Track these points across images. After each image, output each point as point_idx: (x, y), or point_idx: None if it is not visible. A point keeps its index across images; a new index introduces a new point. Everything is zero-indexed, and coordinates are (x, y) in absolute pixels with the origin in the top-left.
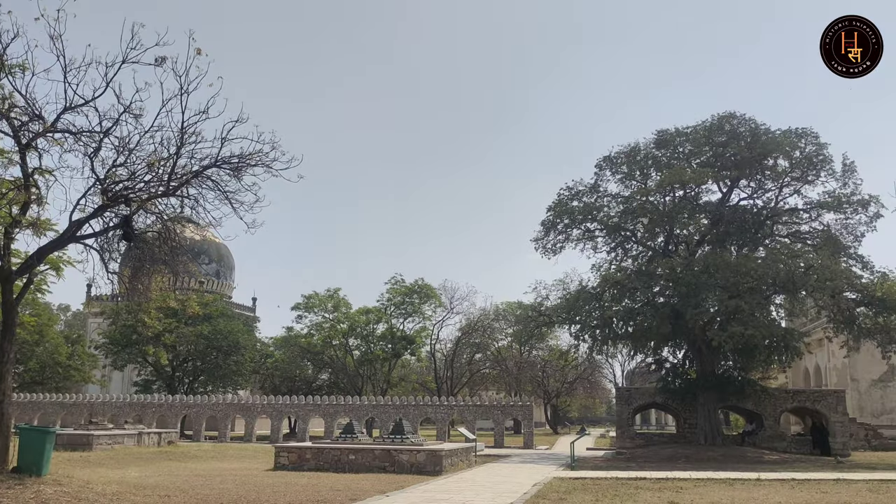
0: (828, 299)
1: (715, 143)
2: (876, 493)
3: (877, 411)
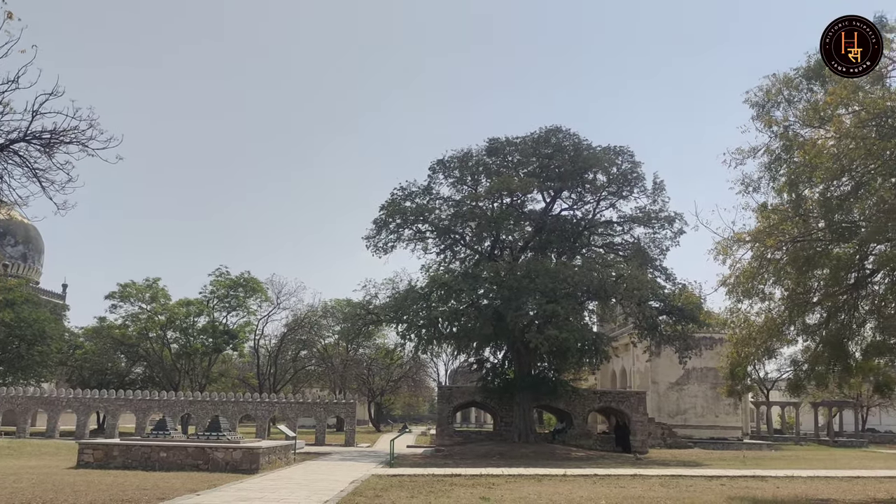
0: (634, 307)
1: (541, 155)
2: (667, 487)
3: (673, 412)
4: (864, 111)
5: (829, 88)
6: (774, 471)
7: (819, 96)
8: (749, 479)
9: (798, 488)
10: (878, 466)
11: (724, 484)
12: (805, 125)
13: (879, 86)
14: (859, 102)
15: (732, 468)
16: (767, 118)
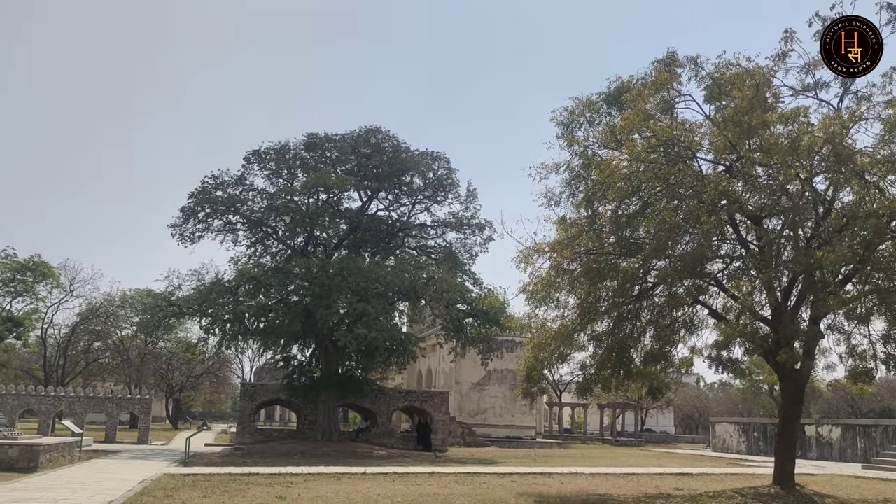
0: (443, 309)
1: (360, 154)
2: (461, 484)
3: (473, 411)
4: (653, 137)
5: (624, 114)
6: (561, 468)
7: (616, 120)
8: (538, 476)
9: (581, 484)
10: (651, 464)
11: (515, 481)
12: (603, 146)
13: (668, 115)
14: (650, 129)
15: (524, 466)
16: (570, 137)
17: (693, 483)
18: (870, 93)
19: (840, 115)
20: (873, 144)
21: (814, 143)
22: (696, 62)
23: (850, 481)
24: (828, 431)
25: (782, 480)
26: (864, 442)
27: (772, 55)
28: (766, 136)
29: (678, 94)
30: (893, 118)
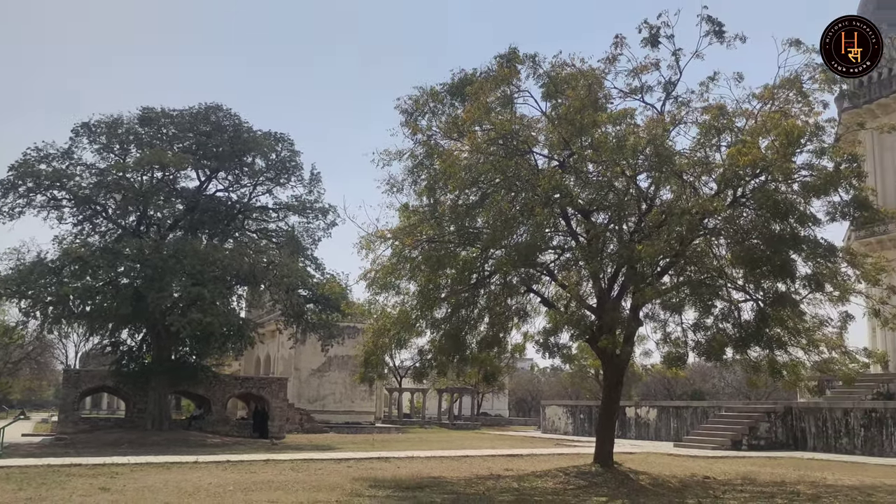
0: (283, 294)
1: (199, 132)
2: (297, 471)
3: (312, 398)
4: (493, 131)
5: (466, 106)
6: (398, 452)
7: (459, 112)
8: (375, 461)
9: (416, 468)
10: (484, 446)
11: (351, 466)
12: (446, 136)
13: (508, 110)
14: (491, 122)
15: (362, 451)
16: (414, 125)
17: (522, 464)
18: (689, 99)
19: (662, 119)
20: (690, 147)
21: (638, 143)
22: (535, 60)
23: (663, 458)
24: (645, 413)
25: (602, 459)
26: (677, 422)
27: (603, 58)
28: (597, 134)
29: (517, 89)
30: (709, 123)
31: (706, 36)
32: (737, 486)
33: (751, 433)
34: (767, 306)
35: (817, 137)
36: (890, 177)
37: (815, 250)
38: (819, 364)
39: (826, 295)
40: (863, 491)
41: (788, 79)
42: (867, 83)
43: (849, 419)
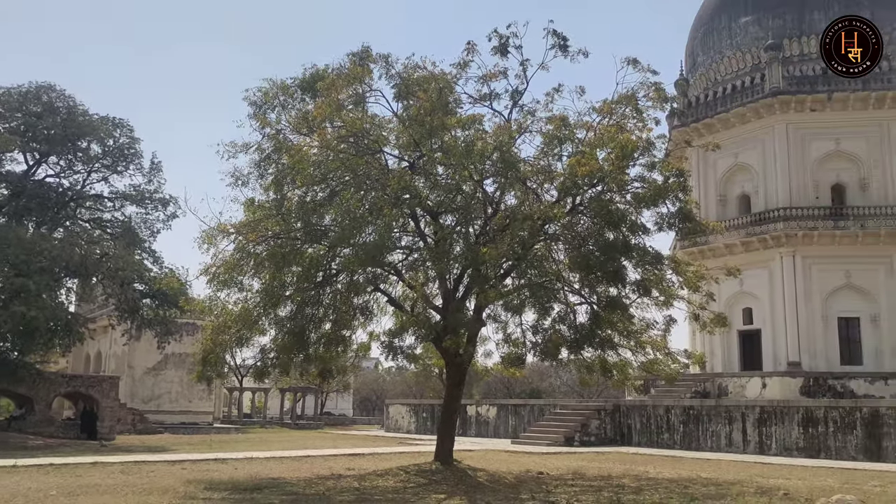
0: (117, 288)
1: (29, 112)
2: (127, 473)
3: (147, 397)
4: (344, 128)
5: (317, 102)
6: (237, 453)
7: (310, 107)
8: (211, 462)
9: (255, 469)
10: (327, 446)
11: (186, 468)
12: (295, 131)
13: (360, 108)
14: (342, 119)
15: (198, 452)
16: (263, 118)
17: (364, 463)
18: (535, 108)
19: (509, 126)
20: (535, 155)
21: (486, 148)
22: (388, 60)
23: (501, 455)
24: (486, 411)
25: (443, 457)
26: (515, 420)
27: (455, 63)
28: (447, 138)
29: (370, 88)
30: (552, 133)
31: (552, 49)
32: (568, 481)
33: (582, 430)
34: (601, 309)
35: (649, 152)
36: (712, 191)
37: (644, 258)
38: (645, 364)
39: (653, 299)
40: (680, 483)
41: (625, 95)
42: (695, 104)
43: (670, 416)
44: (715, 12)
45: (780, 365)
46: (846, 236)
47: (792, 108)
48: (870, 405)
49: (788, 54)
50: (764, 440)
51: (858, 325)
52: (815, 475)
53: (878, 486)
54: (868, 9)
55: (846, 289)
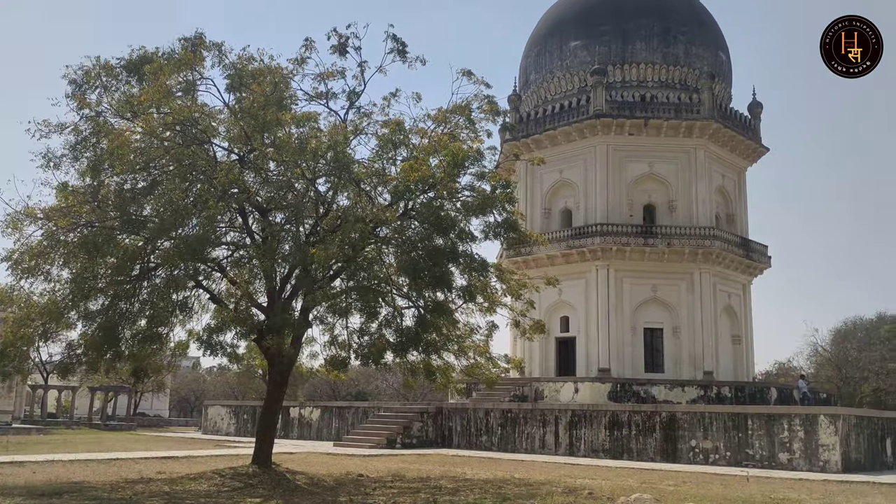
0: None
1: None
2: None
3: None
4: (171, 116)
5: (144, 86)
6: (37, 455)
7: (135, 90)
8: (6, 466)
9: (56, 472)
10: (138, 448)
11: None
12: (117, 115)
13: (190, 96)
14: (169, 106)
15: None
16: (82, 98)
17: (177, 466)
18: (371, 111)
19: (344, 127)
20: (369, 157)
21: (320, 147)
22: (221, 49)
23: (322, 458)
24: (309, 413)
25: (261, 460)
26: (339, 422)
27: (293, 59)
28: (280, 133)
29: (201, 76)
30: (387, 137)
31: (390, 53)
32: (387, 483)
33: (405, 432)
34: (427, 313)
35: (479, 162)
36: (538, 204)
37: (470, 264)
38: (467, 368)
39: (477, 305)
40: (495, 484)
41: (460, 105)
42: (526, 119)
43: (489, 419)
44: (548, 34)
45: (592, 371)
46: (654, 253)
47: (612, 130)
48: (668, 410)
49: (612, 80)
50: (574, 442)
51: (662, 336)
52: (617, 475)
53: (672, 486)
54: (683, 45)
55: (652, 301)
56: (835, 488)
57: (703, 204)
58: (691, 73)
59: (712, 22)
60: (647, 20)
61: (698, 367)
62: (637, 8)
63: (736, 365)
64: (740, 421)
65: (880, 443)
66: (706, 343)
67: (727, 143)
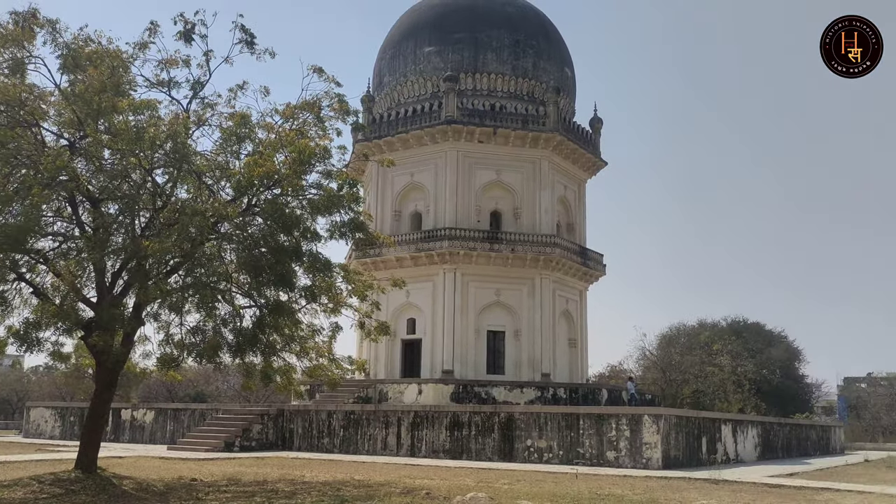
0: None
1: None
2: None
3: None
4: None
5: None
6: None
7: None
8: None
9: None
10: None
11: None
12: None
13: (18, 75)
14: None
15: None
16: None
17: None
18: (216, 102)
19: (187, 117)
20: (213, 150)
21: (158, 136)
22: (56, 27)
23: (154, 462)
24: (142, 415)
25: (85, 465)
26: (174, 424)
27: (134, 43)
28: (116, 120)
29: (30, 54)
30: (232, 130)
31: (239, 44)
32: (221, 487)
33: (244, 434)
34: (268, 314)
35: (326, 160)
36: (389, 206)
37: (314, 264)
38: (309, 370)
39: (322, 306)
40: (334, 486)
41: (309, 102)
42: (379, 121)
43: (332, 420)
44: (403, 37)
45: (436, 373)
46: (499, 258)
47: (463, 137)
48: (506, 410)
49: (464, 87)
50: (416, 443)
51: (504, 339)
52: (456, 475)
53: (507, 484)
54: (531, 58)
55: (496, 305)
56: (655, 484)
57: (546, 213)
58: (539, 87)
59: (559, 39)
60: (498, 32)
61: (537, 369)
62: (490, 19)
63: (572, 367)
64: (573, 421)
65: (696, 441)
66: (545, 346)
67: (570, 156)
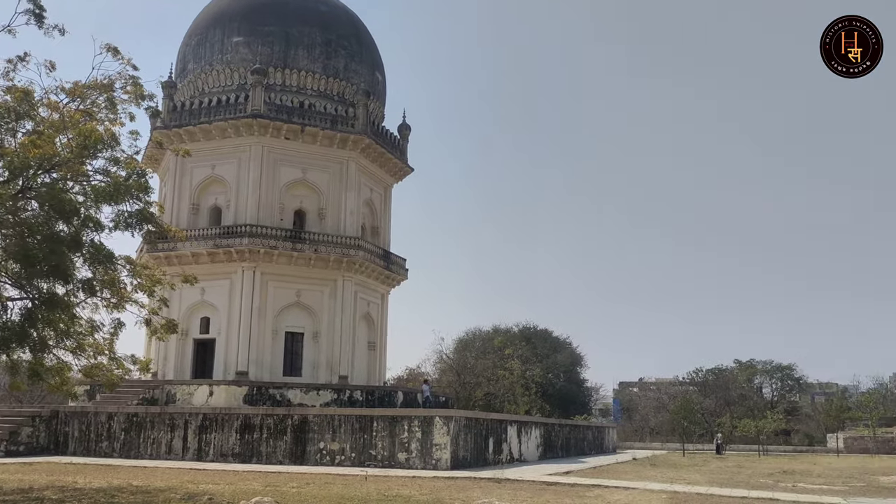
0: None
1: None
2: None
3: None
4: None
5: None
6: None
7: None
8: None
9: None
10: None
11: None
12: None
13: None
14: None
15: None
16: None
17: None
18: None
19: None
20: None
21: None
22: None
23: None
24: None
25: None
26: None
27: None
28: None
29: None
30: (9, 105)
31: (24, 14)
32: None
33: (11, 438)
34: (40, 306)
35: (115, 146)
36: (186, 199)
37: (96, 255)
38: (87, 369)
39: (103, 300)
40: (108, 493)
41: (101, 83)
42: (181, 109)
43: (112, 423)
44: (210, 25)
45: (229, 374)
46: (302, 258)
47: (269, 132)
48: (300, 413)
49: (273, 82)
50: (203, 447)
51: (302, 340)
52: (243, 479)
53: (296, 487)
54: (343, 59)
55: (296, 306)
56: (442, 484)
57: (351, 215)
58: (349, 88)
59: (372, 43)
60: (311, 29)
61: (335, 372)
62: (302, 15)
63: (370, 370)
64: (366, 423)
65: (484, 441)
66: (344, 348)
67: (377, 160)
